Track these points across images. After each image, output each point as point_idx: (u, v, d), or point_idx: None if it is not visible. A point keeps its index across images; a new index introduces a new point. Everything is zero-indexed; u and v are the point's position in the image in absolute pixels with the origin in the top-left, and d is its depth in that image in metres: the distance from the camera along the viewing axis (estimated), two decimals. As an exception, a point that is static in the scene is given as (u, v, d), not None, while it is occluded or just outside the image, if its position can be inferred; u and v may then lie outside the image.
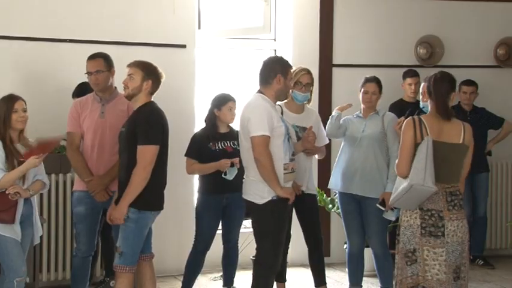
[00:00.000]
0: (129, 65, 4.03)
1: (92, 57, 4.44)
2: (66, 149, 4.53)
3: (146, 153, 3.85)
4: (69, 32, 5.28)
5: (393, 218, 4.58)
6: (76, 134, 4.43)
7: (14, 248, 3.89)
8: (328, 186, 4.98)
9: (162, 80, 4.06)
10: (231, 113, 4.69)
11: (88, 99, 4.48)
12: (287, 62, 4.21)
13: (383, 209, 4.53)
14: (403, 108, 5.27)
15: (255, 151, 3.92)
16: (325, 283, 4.81)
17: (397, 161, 3.83)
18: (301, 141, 4.47)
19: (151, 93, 4.03)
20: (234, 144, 4.63)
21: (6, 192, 3.84)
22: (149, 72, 3.99)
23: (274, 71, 4.07)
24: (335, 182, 4.82)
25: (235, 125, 4.57)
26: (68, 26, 5.29)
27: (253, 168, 3.99)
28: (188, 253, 4.74)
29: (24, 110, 4.00)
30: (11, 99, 3.98)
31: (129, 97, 4.00)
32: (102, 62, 4.40)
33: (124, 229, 3.90)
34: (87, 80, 4.49)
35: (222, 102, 4.68)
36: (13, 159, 3.91)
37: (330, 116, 4.72)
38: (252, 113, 3.99)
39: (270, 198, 3.97)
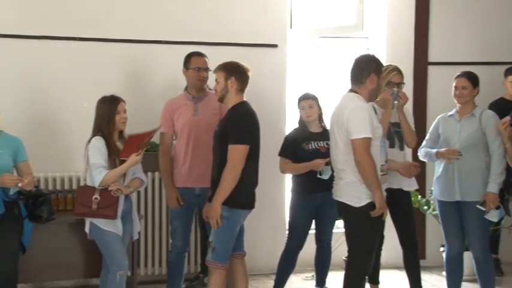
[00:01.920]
0: (214, 71, 4.10)
1: (202, 54, 4.56)
2: (159, 149, 4.65)
3: (236, 153, 3.89)
4: (163, 34, 5.42)
5: (496, 219, 4.40)
6: (167, 134, 4.55)
7: (116, 242, 4.04)
8: (432, 197, 4.84)
9: (249, 74, 4.06)
10: (304, 112, 4.68)
11: (180, 99, 4.58)
12: (380, 60, 4.11)
13: (484, 209, 4.35)
14: (504, 107, 5.05)
15: (357, 154, 3.81)
16: (421, 287, 4.69)
17: None
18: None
19: (240, 90, 4.04)
20: (327, 144, 4.60)
21: (109, 189, 4.00)
22: (230, 70, 4.01)
23: (368, 70, 3.98)
24: (435, 191, 4.69)
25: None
26: (163, 28, 5.42)
27: (350, 170, 3.88)
28: (281, 252, 4.75)
29: (125, 111, 4.15)
30: (114, 100, 4.12)
31: (220, 100, 4.07)
32: (207, 61, 4.53)
33: (217, 223, 3.96)
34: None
35: (298, 101, 4.72)
36: (114, 157, 4.05)
37: (428, 151, 4.60)
38: (352, 114, 3.86)
39: (368, 201, 3.88)
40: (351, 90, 4.03)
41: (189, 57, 4.57)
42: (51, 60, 5.16)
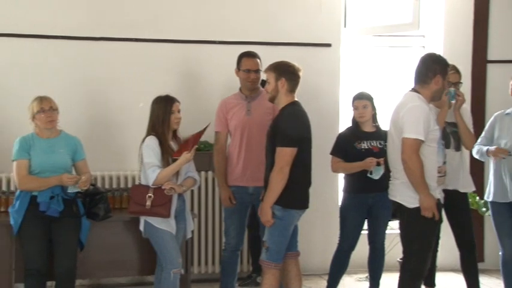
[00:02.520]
0: (264, 71, 4.10)
1: (253, 55, 4.56)
2: (214, 148, 4.68)
3: (282, 155, 3.87)
4: (218, 34, 5.45)
5: None
6: (222, 133, 4.57)
7: (170, 240, 4.09)
8: (485, 198, 4.72)
9: (300, 74, 4.03)
10: (357, 112, 4.63)
11: (234, 98, 4.60)
12: (446, 61, 3.97)
13: None
14: None
15: (404, 153, 3.75)
16: (479, 290, 4.57)
17: None
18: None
19: (291, 91, 4.01)
20: (380, 144, 4.54)
21: (162, 188, 4.05)
22: (280, 71, 3.99)
23: (434, 70, 3.85)
24: (487, 192, 4.58)
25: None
26: (217, 28, 5.46)
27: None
28: (333, 252, 4.72)
29: (179, 111, 4.20)
30: (169, 100, 4.17)
31: (271, 100, 4.06)
32: (258, 62, 4.53)
33: (270, 225, 3.96)
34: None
35: (352, 101, 4.68)
36: (167, 157, 4.10)
37: (480, 149, 4.52)
38: (408, 113, 3.78)
39: None
40: (413, 90, 3.92)
41: (240, 58, 4.58)
42: (108, 61, 5.27)
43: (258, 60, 4.54)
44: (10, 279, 4.21)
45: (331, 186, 5.58)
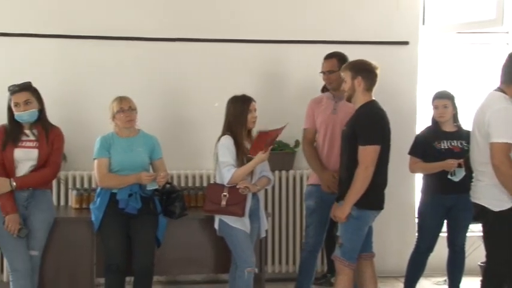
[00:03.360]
0: (341, 70, 4.04)
1: (327, 57, 4.56)
2: (302, 144, 4.70)
3: (367, 154, 3.81)
4: (296, 33, 5.44)
5: None
6: (309, 130, 4.59)
7: (244, 239, 4.11)
8: None
9: (377, 72, 3.96)
10: (437, 112, 4.52)
11: (323, 97, 4.62)
12: None
13: None
14: None
15: (495, 158, 3.58)
16: None
17: None
18: None
19: (367, 89, 3.95)
20: (461, 144, 4.40)
21: (237, 187, 4.08)
22: (357, 70, 3.93)
23: None
24: None
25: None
26: (295, 28, 5.45)
27: (491, 172, 3.64)
28: (410, 254, 4.61)
29: (255, 111, 4.21)
30: (246, 100, 4.19)
31: (348, 99, 4.01)
32: (335, 62, 4.49)
33: (345, 223, 3.91)
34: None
35: (432, 100, 4.57)
36: (242, 156, 4.12)
37: None
38: (495, 116, 3.61)
39: (510, 205, 3.62)
40: (498, 89, 3.74)
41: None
42: (186, 61, 5.36)
43: (335, 61, 4.49)
44: (91, 273, 4.33)
45: (407, 187, 5.46)
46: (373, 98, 3.98)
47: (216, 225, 4.19)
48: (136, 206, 4.14)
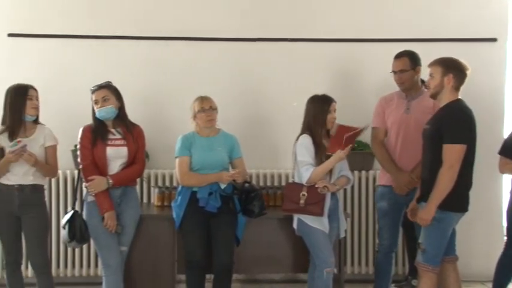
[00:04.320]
0: (429, 65, 3.93)
1: (397, 56, 4.47)
2: (371, 144, 4.63)
3: (452, 153, 3.70)
4: (374, 32, 5.37)
5: None
6: (380, 129, 4.50)
7: (323, 239, 4.08)
8: None
9: (468, 72, 3.84)
10: None
11: (394, 96, 4.52)
12: None
13: None
14: None
15: None
16: None
17: None
18: None
19: (456, 88, 3.84)
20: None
21: (316, 186, 4.06)
22: (449, 67, 3.82)
23: None
24: None
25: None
26: (375, 26, 5.39)
27: None
28: (498, 257, 4.44)
29: (335, 111, 4.18)
30: (326, 100, 4.16)
31: (433, 96, 3.90)
32: (406, 61, 4.39)
33: (427, 227, 3.81)
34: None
35: None
36: (321, 155, 4.10)
37: None
38: None
39: None
40: None
41: None
42: (265, 61, 5.39)
43: (406, 59, 4.39)
44: (173, 270, 4.43)
45: (494, 188, 5.29)
46: (460, 97, 3.87)
47: (295, 225, 4.18)
48: (216, 204, 4.19)
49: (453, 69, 3.82)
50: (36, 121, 4.20)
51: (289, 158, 4.27)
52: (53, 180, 5.09)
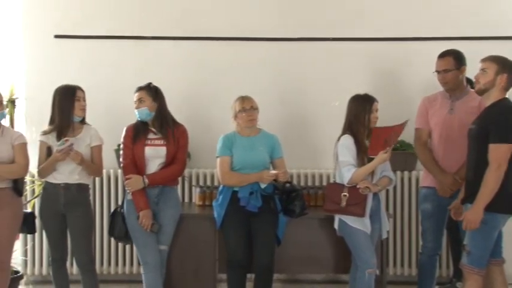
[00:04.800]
0: (483, 60, 3.82)
1: (441, 55, 4.38)
2: (414, 145, 4.56)
3: (500, 153, 3.62)
4: (418, 30, 5.30)
5: None
6: (423, 130, 4.43)
7: (364, 240, 4.05)
8: None
9: None
10: None
11: (437, 96, 4.45)
12: None
13: None
14: None
15: None
16: None
17: None
18: None
19: (506, 89, 3.76)
20: None
21: (357, 186, 4.03)
22: (505, 66, 3.73)
23: None
24: None
25: None
26: (417, 24, 5.32)
27: None
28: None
29: (377, 111, 4.14)
30: (368, 99, 4.13)
31: (480, 92, 3.81)
32: (450, 61, 4.31)
33: (472, 227, 3.73)
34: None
35: None
36: (363, 155, 4.07)
37: None
38: None
39: None
40: None
41: None
42: (306, 60, 5.37)
43: (451, 59, 4.30)
44: (214, 269, 4.45)
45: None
46: (506, 96, 3.78)
47: (336, 225, 4.16)
48: (257, 204, 4.20)
49: (509, 69, 3.74)
50: (82, 121, 4.28)
51: (331, 158, 4.24)
52: (97, 179, 5.18)
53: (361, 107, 4.11)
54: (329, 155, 4.28)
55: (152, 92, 4.25)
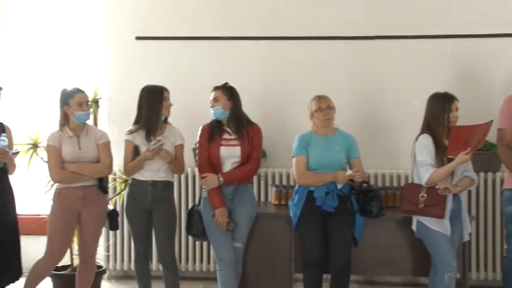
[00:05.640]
0: None
1: None
2: (497, 146, 4.40)
3: None
4: (500, 26, 5.13)
5: None
6: (506, 130, 4.28)
7: (444, 242, 3.95)
8: None
9: None
10: None
11: None
12: None
13: None
14: None
15: None
16: None
17: None
18: None
19: None
20: None
21: (436, 187, 3.93)
22: None
23: None
24: None
25: None
26: (500, 20, 5.15)
27: None
28: None
29: (457, 109, 4.03)
30: (448, 98, 4.05)
31: None
32: None
33: None
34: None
35: None
36: (442, 155, 3.97)
37: None
38: None
39: None
40: None
41: None
42: (384, 59, 5.29)
43: None
44: (290, 268, 4.45)
45: None
46: None
47: (414, 227, 4.08)
48: (333, 204, 4.17)
49: None
50: (165, 121, 4.38)
51: (408, 158, 4.16)
52: (176, 176, 5.28)
53: (440, 105, 4.01)
54: (407, 155, 4.21)
55: (227, 92, 4.29)
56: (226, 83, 4.34)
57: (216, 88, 4.32)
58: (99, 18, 5.64)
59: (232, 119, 4.29)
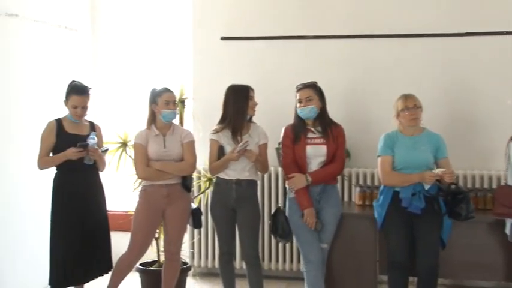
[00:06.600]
0: None
1: None
2: None
3: None
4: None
5: None
6: None
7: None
8: None
9: None
10: None
11: None
12: None
13: None
14: None
15: None
16: None
17: None
18: None
19: None
20: None
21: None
22: None
23: None
24: None
25: None
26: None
27: None
28: None
29: None
30: None
31: None
32: None
33: None
34: None
35: None
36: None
37: None
38: None
39: None
40: None
41: None
42: (472, 56, 5.13)
43: None
44: (375, 270, 4.39)
45: None
46: None
47: (508, 230, 3.93)
48: (419, 205, 4.07)
49: None
50: (250, 120, 4.41)
51: (501, 159, 4.00)
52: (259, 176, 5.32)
53: None
54: (499, 155, 4.05)
55: (318, 91, 4.28)
56: (315, 82, 4.31)
57: (307, 86, 4.29)
58: (186, 20, 5.76)
59: (319, 118, 4.27)
